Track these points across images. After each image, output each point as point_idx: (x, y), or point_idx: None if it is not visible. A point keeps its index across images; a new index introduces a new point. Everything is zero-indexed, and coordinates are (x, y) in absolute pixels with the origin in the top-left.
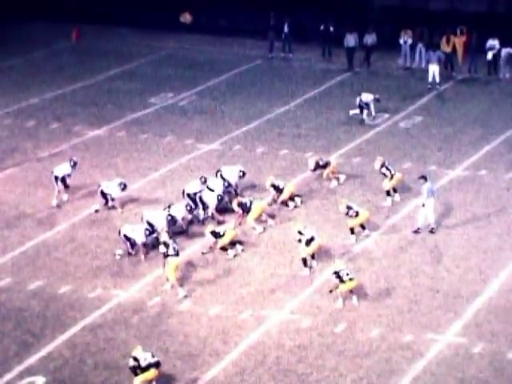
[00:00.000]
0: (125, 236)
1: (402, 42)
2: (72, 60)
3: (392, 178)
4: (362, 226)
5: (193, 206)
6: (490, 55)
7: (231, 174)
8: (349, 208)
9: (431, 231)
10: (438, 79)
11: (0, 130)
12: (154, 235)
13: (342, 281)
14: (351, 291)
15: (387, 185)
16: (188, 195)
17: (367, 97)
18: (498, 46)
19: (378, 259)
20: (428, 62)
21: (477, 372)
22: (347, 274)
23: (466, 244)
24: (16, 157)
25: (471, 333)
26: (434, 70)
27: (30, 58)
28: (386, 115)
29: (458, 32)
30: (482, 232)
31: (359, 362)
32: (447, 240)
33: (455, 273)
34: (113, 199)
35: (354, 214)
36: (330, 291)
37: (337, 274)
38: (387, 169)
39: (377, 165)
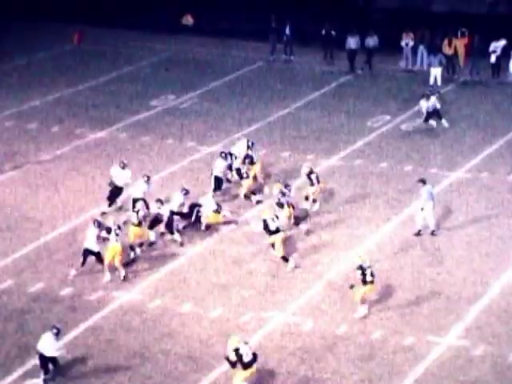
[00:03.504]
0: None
1: (403, 44)
2: (74, 62)
3: (313, 185)
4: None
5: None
6: (493, 58)
7: (241, 148)
8: (283, 194)
9: (432, 234)
10: (439, 82)
11: (1, 132)
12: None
13: (364, 280)
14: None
15: (310, 190)
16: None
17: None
18: (500, 49)
19: (379, 261)
20: (430, 65)
21: (478, 375)
22: (371, 275)
23: (467, 246)
24: (17, 159)
25: (473, 335)
26: (435, 73)
27: (32, 60)
28: (388, 117)
29: (460, 34)
30: (483, 234)
31: (361, 364)
32: (448, 242)
33: (457, 275)
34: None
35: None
36: (351, 287)
37: (363, 270)
38: (315, 177)
39: (304, 170)
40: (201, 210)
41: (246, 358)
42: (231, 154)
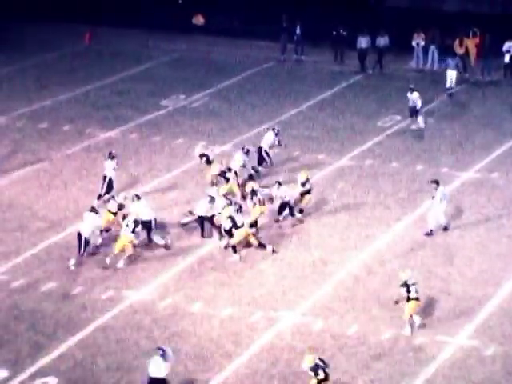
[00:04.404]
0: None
1: (414, 44)
2: (85, 62)
3: (228, 182)
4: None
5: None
6: (507, 58)
7: (268, 139)
8: (253, 192)
9: (445, 229)
10: (454, 84)
11: (13, 132)
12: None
13: (408, 297)
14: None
15: (224, 189)
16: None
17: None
18: None
19: (390, 261)
20: (447, 67)
21: (489, 375)
22: (416, 292)
23: (477, 246)
24: (28, 158)
25: (483, 335)
26: (451, 75)
27: (43, 60)
28: (398, 117)
29: (471, 34)
30: (494, 234)
31: (371, 364)
32: (459, 242)
33: (467, 275)
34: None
35: (258, 201)
36: (396, 302)
37: (407, 286)
38: (225, 177)
39: (215, 170)
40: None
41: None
42: (248, 151)
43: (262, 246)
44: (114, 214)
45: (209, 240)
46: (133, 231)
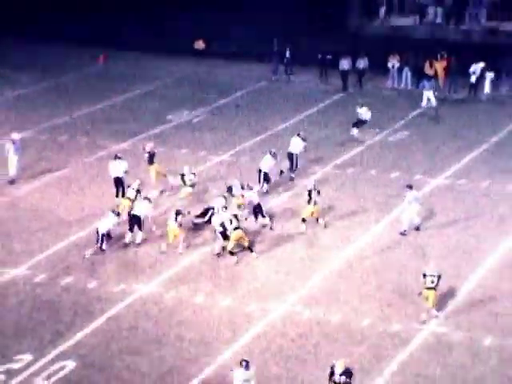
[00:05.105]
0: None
1: (390, 65)
2: (99, 82)
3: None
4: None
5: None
6: (473, 78)
7: (296, 146)
8: (206, 210)
9: (417, 229)
10: (434, 103)
11: (37, 144)
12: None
13: (426, 287)
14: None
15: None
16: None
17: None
18: (479, 70)
19: (369, 258)
20: (423, 88)
21: (456, 357)
22: (432, 282)
23: (446, 244)
24: (50, 167)
25: (451, 323)
26: (428, 95)
27: (63, 80)
28: (376, 130)
29: (439, 57)
30: (460, 234)
31: (352, 348)
32: (430, 241)
33: (438, 270)
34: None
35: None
36: (419, 294)
37: (424, 276)
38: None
39: (183, 194)
40: (214, 212)
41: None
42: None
43: (250, 249)
44: (131, 200)
45: (210, 241)
46: (175, 220)
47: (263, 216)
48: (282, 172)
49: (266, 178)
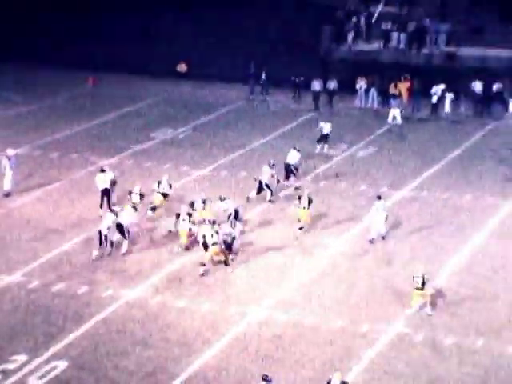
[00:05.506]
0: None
1: (358, 87)
2: (89, 102)
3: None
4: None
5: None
6: (434, 99)
7: (293, 157)
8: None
9: (383, 238)
10: (399, 121)
11: (30, 160)
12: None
13: (414, 287)
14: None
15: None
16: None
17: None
18: (440, 92)
19: (340, 264)
20: (390, 106)
21: (420, 355)
22: (417, 283)
23: (410, 251)
24: (42, 181)
25: (415, 324)
26: (394, 113)
27: (54, 101)
28: (345, 146)
29: (403, 79)
30: (423, 241)
31: (325, 348)
32: (396, 248)
33: (403, 274)
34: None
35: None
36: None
37: (413, 278)
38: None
39: (157, 200)
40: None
41: None
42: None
43: (226, 263)
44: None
45: (190, 251)
46: (189, 221)
47: (239, 221)
48: (278, 181)
49: (269, 188)
